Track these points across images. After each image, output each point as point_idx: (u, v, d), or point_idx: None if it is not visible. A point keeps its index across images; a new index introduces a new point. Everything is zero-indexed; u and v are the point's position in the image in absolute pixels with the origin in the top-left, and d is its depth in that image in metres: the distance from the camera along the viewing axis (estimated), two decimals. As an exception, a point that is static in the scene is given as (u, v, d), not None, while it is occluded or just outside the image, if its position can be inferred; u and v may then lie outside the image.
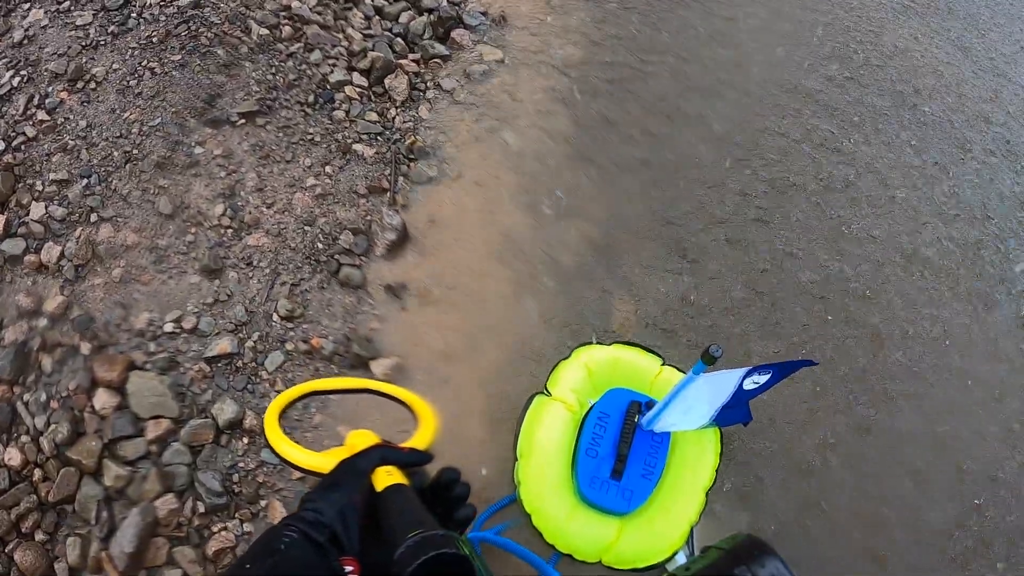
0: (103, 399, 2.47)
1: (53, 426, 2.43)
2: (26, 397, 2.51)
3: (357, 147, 3.21)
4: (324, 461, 1.04)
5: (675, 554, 1.91)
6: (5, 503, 2.35)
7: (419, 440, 1.18)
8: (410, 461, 1.04)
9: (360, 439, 1.07)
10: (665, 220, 3.39)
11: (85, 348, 2.56)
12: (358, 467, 0.99)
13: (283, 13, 3.44)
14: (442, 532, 0.83)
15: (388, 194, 3.16)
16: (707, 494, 1.98)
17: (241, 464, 2.48)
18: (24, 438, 2.45)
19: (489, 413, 2.75)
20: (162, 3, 3.26)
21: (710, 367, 1.60)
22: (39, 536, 2.35)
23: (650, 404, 2.00)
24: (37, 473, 2.41)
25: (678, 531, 1.90)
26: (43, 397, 2.50)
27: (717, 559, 0.82)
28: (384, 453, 1.02)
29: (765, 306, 3.23)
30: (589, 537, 1.90)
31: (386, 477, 0.96)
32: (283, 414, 1.20)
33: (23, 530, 2.35)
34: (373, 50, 3.49)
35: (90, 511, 2.35)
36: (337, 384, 1.31)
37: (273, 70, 3.25)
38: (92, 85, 3.04)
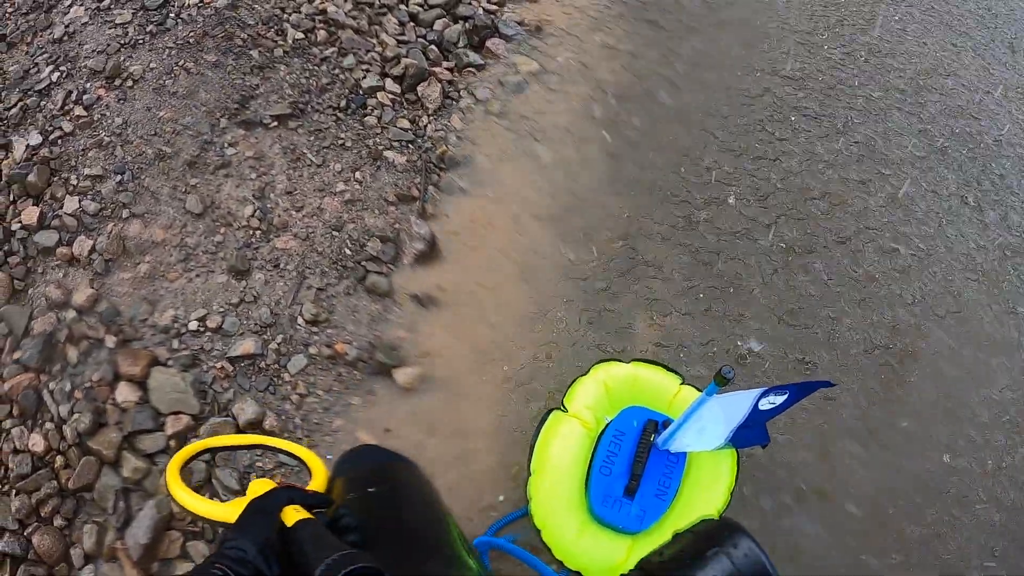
0: (125, 392, 2.51)
1: (76, 415, 2.46)
2: (52, 386, 2.54)
3: (388, 154, 3.23)
4: (228, 511, 1.09)
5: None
6: (27, 487, 2.38)
7: (314, 488, 1.25)
8: (314, 502, 1.08)
9: (260, 487, 1.12)
10: (698, 246, 3.38)
11: (110, 341, 2.59)
12: (268, 506, 1.03)
13: (318, 17, 3.47)
14: (355, 551, 0.87)
15: (418, 203, 3.18)
16: (721, 516, 1.97)
17: (259, 464, 2.50)
18: (48, 425, 2.48)
19: (509, 430, 2.76)
20: (199, 4, 3.30)
21: (723, 388, 1.60)
22: (58, 521, 2.37)
23: (667, 423, 2.00)
24: (59, 460, 2.44)
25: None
26: (68, 387, 2.53)
27: (690, 541, 0.83)
28: (289, 493, 1.06)
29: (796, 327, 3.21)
30: (599, 555, 1.90)
31: (294, 514, 1.00)
32: (184, 468, 1.28)
33: (42, 515, 2.37)
34: (407, 57, 3.51)
35: (108, 500, 2.38)
36: (233, 440, 1.40)
37: (307, 74, 3.28)
38: (129, 83, 3.08)
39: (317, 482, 1.28)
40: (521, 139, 3.53)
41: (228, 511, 1.08)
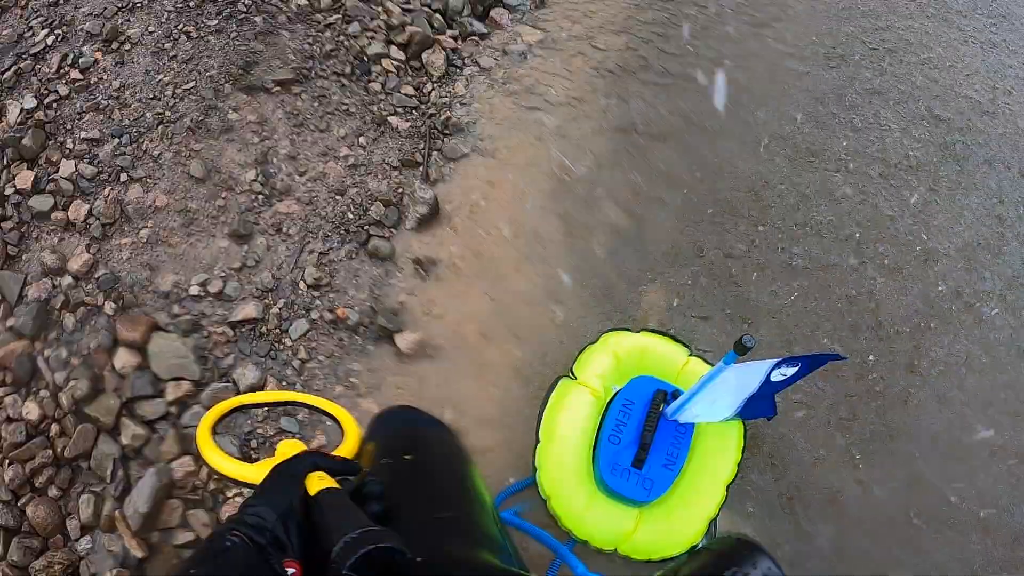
0: (124, 358, 2.47)
1: (72, 383, 2.42)
2: (47, 353, 2.51)
3: (392, 120, 3.19)
4: (256, 472, 1.09)
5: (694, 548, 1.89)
6: (21, 456, 2.35)
7: (344, 451, 1.24)
8: (340, 469, 1.06)
9: (290, 449, 1.11)
10: (702, 214, 3.33)
11: (109, 308, 2.56)
12: (292, 471, 1.01)
13: (322, -17, 3.42)
14: (378, 528, 0.85)
15: (421, 168, 3.14)
16: (728, 488, 1.95)
17: (260, 430, 2.48)
18: (43, 393, 2.45)
19: (512, 399, 2.73)
20: (201, -33, 3.24)
21: (742, 357, 1.57)
22: (53, 492, 2.35)
23: (675, 394, 1.98)
24: (54, 428, 2.41)
25: (696, 525, 1.88)
26: (64, 354, 2.50)
27: (707, 561, 0.80)
28: (315, 459, 1.04)
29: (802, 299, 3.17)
30: (607, 525, 1.88)
31: (318, 482, 0.98)
32: (215, 428, 1.27)
33: (37, 485, 2.35)
34: (411, 24, 3.46)
35: (105, 469, 2.35)
36: (267, 397, 1.39)
37: (311, 40, 3.23)
38: (127, 46, 3.03)
39: (349, 443, 1.26)
40: (524, 107, 3.48)
41: (256, 473, 1.07)
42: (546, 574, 2.10)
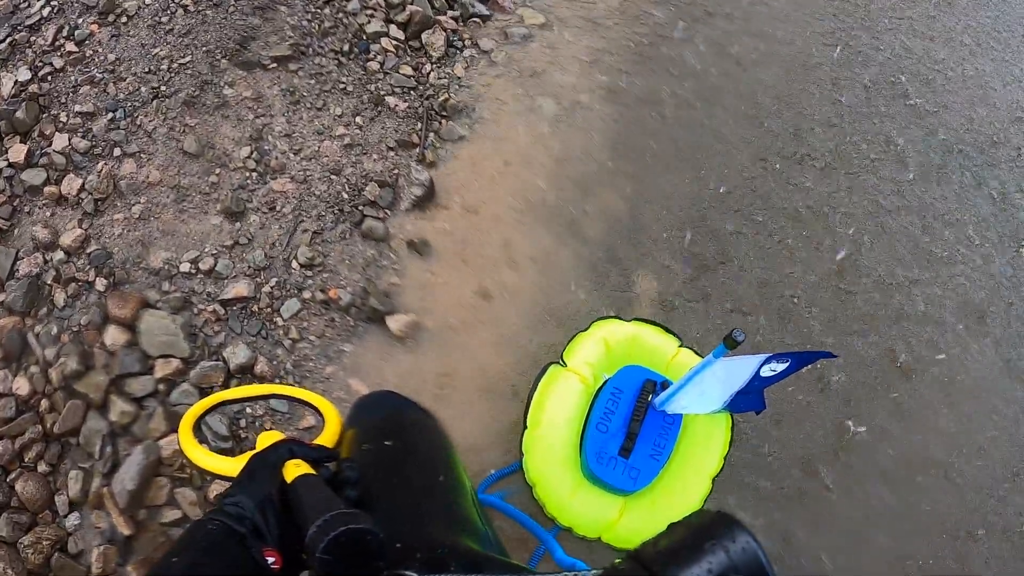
0: (114, 335, 2.46)
1: (62, 359, 2.41)
2: (37, 329, 2.51)
3: (389, 100, 3.16)
4: (236, 465, 1.09)
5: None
6: (10, 432, 2.35)
7: (325, 438, 1.25)
8: (317, 456, 1.07)
9: (268, 440, 1.11)
10: (701, 203, 3.32)
11: (100, 284, 2.55)
12: (269, 460, 1.02)
13: (323, -41, 3.39)
14: (349, 511, 0.85)
15: (417, 149, 3.12)
16: (713, 481, 1.95)
17: (249, 410, 2.47)
18: (33, 368, 2.45)
19: (501, 385, 2.73)
20: (199, -60, 3.21)
21: (731, 352, 1.56)
22: (42, 467, 2.35)
23: (665, 384, 1.97)
24: (44, 404, 2.40)
25: (681, 515, 1.86)
26: (54, 330, 2.50)
27: (687, 534, 0.80)
28: (291, 447, 1.05)
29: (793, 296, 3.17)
30: (591, 513, 1.88)
31: (295, 469, 0.99)
32: (197, 425, 1.29)
33: (26, 460, 2.35)
34: (412, 4, 3.43)
35: (94, 445, 2.35)
36: (247, 392, 1.40)
37: (309, 16, 3.20)
38: (123, 19, 3.01)
39: (329, 432, 1.27)
40: (524, 91, 3.45)
41: (236, 466, 1.08)
42: (529, 561, 2.11)
